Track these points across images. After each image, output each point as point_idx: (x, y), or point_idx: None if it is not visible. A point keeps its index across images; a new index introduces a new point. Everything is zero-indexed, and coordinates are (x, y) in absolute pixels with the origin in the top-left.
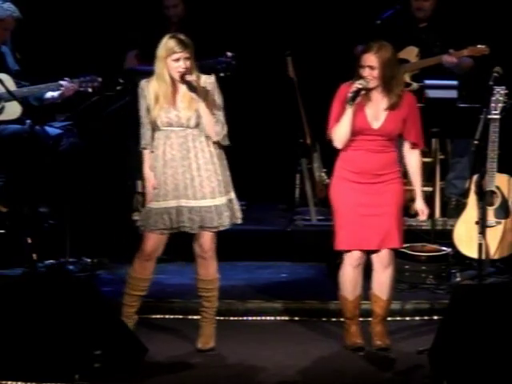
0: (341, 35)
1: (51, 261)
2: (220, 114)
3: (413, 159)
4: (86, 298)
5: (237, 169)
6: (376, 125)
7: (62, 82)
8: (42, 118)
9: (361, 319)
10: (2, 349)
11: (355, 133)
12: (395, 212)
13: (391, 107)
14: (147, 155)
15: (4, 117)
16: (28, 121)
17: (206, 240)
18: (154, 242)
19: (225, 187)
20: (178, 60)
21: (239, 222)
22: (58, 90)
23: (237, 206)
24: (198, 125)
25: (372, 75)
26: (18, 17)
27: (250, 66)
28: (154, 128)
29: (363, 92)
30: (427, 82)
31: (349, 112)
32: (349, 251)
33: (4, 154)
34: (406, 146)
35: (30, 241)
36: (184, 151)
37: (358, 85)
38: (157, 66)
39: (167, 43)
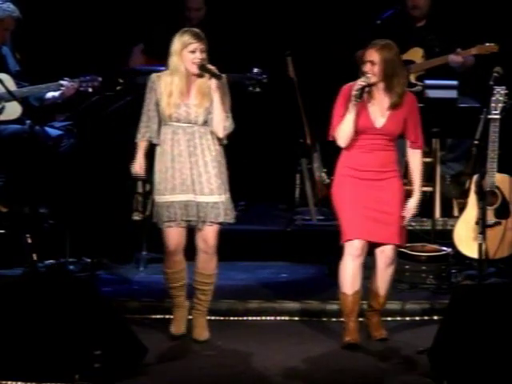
0: (341, 35)
1: (51, 261)
2: (229, 112)
3: (415, 159)
4: (86, 298)
5: (237, 169)
6: (379, 124)
7: (62, 82)
8: (42, 118)
9: (361, 319)
10: (2, 349)
11: (358, 132)
12: (397, 210)
13: (393, 106)
14: (143, 146)
15: (4, 117)
16: (28, 121)
17: (211, 235)
18: (173, 236)
19: (226, 186)
20: (194, 51)
21: (233, 221)
22: (59, 89)
23: (232, 205)
24: (205, 122)
25: (372, 70)
26: (17, 17)
27: (249, 66)
28: (161, 122)
29: (367, 89)
30: (427, 81)
31: (352, 110)
32: (350, 241)
33: (4, 154)
34: (409, 146)
35: (30, 241)
36: (191, 148)
37: (361, 82)
38: (171, 61)
39: (182, 36)
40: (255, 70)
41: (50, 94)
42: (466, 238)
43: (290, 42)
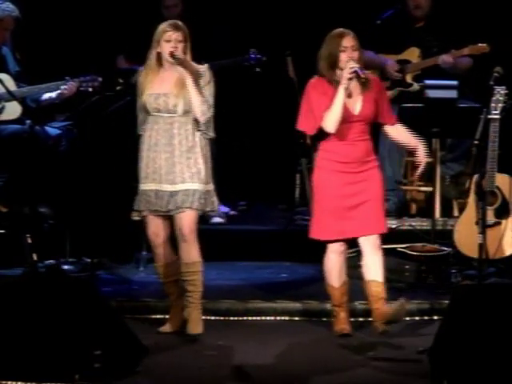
0: None
1: (51, 261)
2: (208, 98)
3: (399, 130)
4: (86, 298)
5: (237, 169)
6: (356, 110)
7: (62, 85)
8: (41, 118)
9: (361, 319)
10: (2, 349)
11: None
12: (379, 198)
13: (364, 88)
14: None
15: (4, 117)
16: (28, 121)
17: (184, 222)
18: (151, 226)
19: (204, 177)
20: (169, 41)
21: (213, 213)
22: (58, 89)
23: (214, 198)
24: (185, 112)
25: (354, 56)
26: (16, 16)
27: (249, 66)
28: (146, 113)
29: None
30: (427, 82)
31: (342, 94)
32: (332, 240)
33: (4, 154)
34: (386, 128)
35: (30, 241)
36: (168, 137)
37: (353, 65)
38: (150, 51)
39: (160, 27)
40: (252, 51)
41: (46, 95)
42: (465, 238)
43: (290, 42)
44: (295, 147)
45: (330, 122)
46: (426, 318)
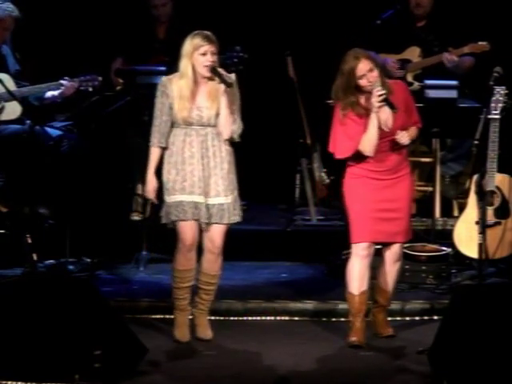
0: (341, 35)
1: (51, 261)
2: (238, 113)
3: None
4: (86, 298)
5: (237, 169)
6: (387, 127)
7: (62, 82)
8: (41, 118)
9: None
10: (2, 349)
11: None
12: (407, 206)
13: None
14: (156, 153)
15: (4, 117)
16: (28, 121)
17: (218, 236)
18: (188, 230)
19: (233, 185)
20: (204, 54)
21: (240, 219)
22: (59, 89)
23: (238, 203)
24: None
25: (374, 77)
26: (17, 16)
27: (250, 66)
28: (173, 125)
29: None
30: (427, 81)
31: (375, 120)
32: (357, 243)
33: (4, 154)
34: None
35: (30, 241)
36: (203, 149)
37: (380, 92)
38: (182, 63)
39: (193, 39)
40: (237, 48)
41: (49, 94)
42: (466, 238)
43: (290, 42)
44: (295, 147)
45: (368, 147)
46: (425, 317)
